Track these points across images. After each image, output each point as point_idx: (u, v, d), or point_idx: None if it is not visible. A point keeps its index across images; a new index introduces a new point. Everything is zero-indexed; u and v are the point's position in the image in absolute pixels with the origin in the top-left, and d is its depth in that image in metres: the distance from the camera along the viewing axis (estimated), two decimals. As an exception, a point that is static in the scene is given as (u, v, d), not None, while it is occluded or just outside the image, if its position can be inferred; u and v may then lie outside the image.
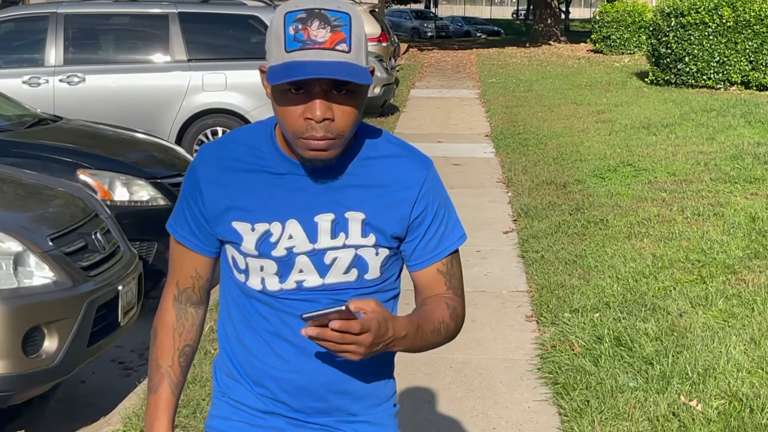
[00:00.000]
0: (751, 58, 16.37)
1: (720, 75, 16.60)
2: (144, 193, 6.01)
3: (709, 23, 16.55)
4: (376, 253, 1.93)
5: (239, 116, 9.81)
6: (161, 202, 6.00)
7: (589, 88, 17.67)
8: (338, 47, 1.75)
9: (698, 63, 16.75)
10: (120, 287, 4.41)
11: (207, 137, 9.89)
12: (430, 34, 49.29)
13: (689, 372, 4.49)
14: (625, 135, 11.77)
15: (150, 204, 5.99)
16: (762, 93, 15.95)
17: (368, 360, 1.82)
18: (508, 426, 4.23)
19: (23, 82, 9.62)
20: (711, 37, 16.58)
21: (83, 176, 5.89)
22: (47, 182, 4.97)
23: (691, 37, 16.79)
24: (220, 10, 10.08)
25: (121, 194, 5.96)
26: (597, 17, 28.55)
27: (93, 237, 4.51)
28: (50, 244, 4.17)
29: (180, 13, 9.86)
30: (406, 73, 22.78)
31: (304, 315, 1.73)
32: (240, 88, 9.76)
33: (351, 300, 1.78)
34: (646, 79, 18.39)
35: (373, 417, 2.02)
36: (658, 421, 4.08)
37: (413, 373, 4.71)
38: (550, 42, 33.76)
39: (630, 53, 26.47)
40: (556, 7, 36.34)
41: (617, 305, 5.49)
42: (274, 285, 1.93)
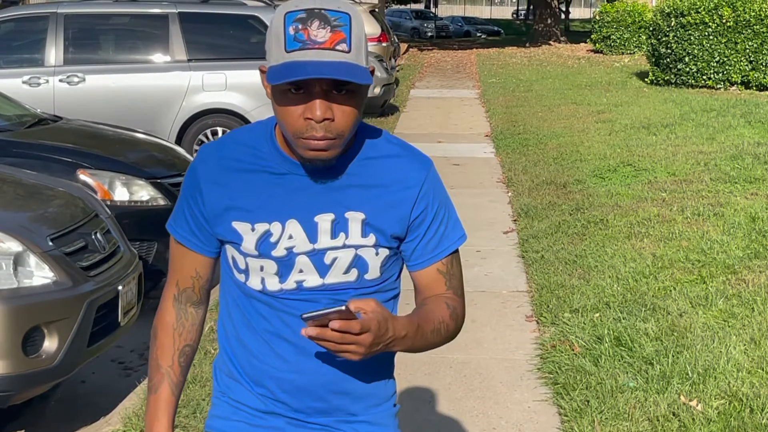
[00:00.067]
0: (751, 58, 16.37)
1: (720, 75, 16.60)
2: (144, 193, 6.01)
3: (709, 23, 16.55)
4: (376, 253, 1.93)
5: (239, 116, 9.80)
6: (161, 202, 6.00)
7: (589, 88, 17.67)
8: (338, 47, 1.75)
9: (698, 63, 16.75)
10: (120, 287, 4.41)
11: (207, 137, 9.89)
12: (430, 34, 49.28)
13: (689, 372, 4.49)
14: (625, 135, 11.77)
15: (150, 204, 5.99)
16: (762, 93, 15.95)
17: (368, 360, 1.82)
18: (508, 426, 4.23)
19: (23, 82, 9.62)
20: (711, 37, 16.58)
21: (83, 176, 5.89)
22: (47, 182, 4.97)
23: (691, 37, 16.79)
24: (220, 10, 10.08)
25: (121, 194, 5.96)
26: (597, 17, 28.56)
27: (93, 237, 4.51)
28: (50, 244, 4.17)
29: (180, 13, 9.86)
30: (406, 73, 22.77)
31: (304, 315, 1.73)
32: (240, 88, 9.76)
33: (351, 300, 1.78)
34: (646, 79, 18.38)
35: (373, 417, 2.02)
36: (658, 421, 4.08)
37: (413, 373, 4.71)
38: (550, 42, 33.77)
39: (630, 53, 26.48)
40: (556, 7, 36.34)
41: (617, 305, 5.49)
42: (274, 285, 1.93)
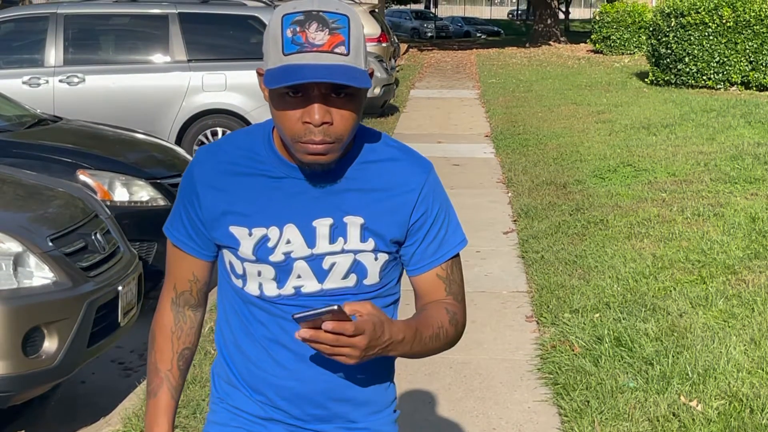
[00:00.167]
0: (751, 59, 16.37)
1: (720, 75, 16.59)
2: (144, 193, 6.01)
3: (709, 23, 16.54)
4: (375, 258, 1.90)
5: (239, 117, 9.80)
6: (161, 202, 6.00)
7: (589, 89, 17.67)
8: (336, 50, 1.72)
9: (698, 63, 16.75)
10: (120, 288, 4.41)
11: (207, 138, 9.89)
12: (430, 34, 49.27)
13: (689, 372, 4.49)
14: (625, 135, 11.77)
15: (150, 204, 6.00)
16: (762, 93, 15.94)
17: (368, 366, 1.80)
18: (508, 426, 4.23)
19: (23, 83, 9.62)
20: (711, 38, 16.58)
21: (83, 177, 5.89)
22: (47, 182, 4.97)
23: (691, 38, 16.78)
24: (220, 10, 10.08)
25: (120, 195, 5.96)
26: (597, 17, 28.55)
27: (93, 237, 4.51)
28: (50, 244, 4.17)
29: (180, 13, 9.86)
30: (406, 74, 22.77)
31: (296, 315, 1.69)
32: (240, 88, 9.75)
33: (346, 302, 1.74)
34: (646, 80, 18.38)
35: (373, 424, 2.00)
36: (658, 421, 4.08)
37: (413, 374, 4.71)
38: (550, 42, 33.77)
39: (630, 53, 26.48)
40: (556, 7, 36.34)
41: (617, 305, 5.49)
42: (271, 290, 1.91)
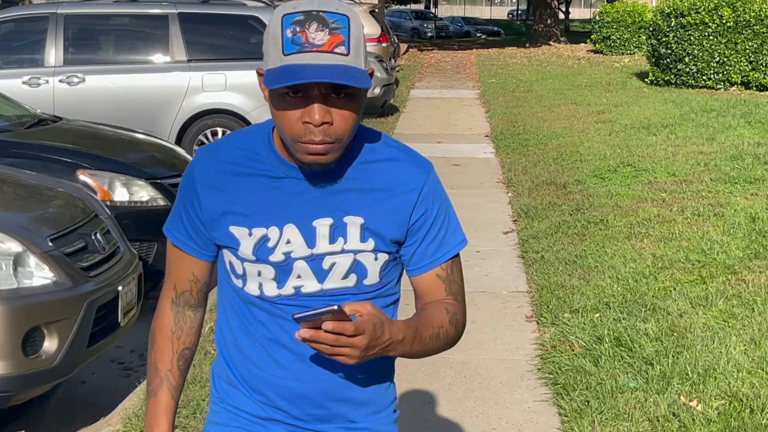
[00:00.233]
0: (751, 59, 16.37)
1: (720, 75, 16.60)
2: (144, 193, 6.01)
3: (709, 23, 16.54)
4: (375, 258, 1.90)
5: (239, 117, 9.80)
6: (161, 202, 6.00)
7: (589, 89, 17.67)
8: (336, 50, 1.72)
9: (698, 63, 16.74)
10: (120, 288, 4.41)
11: (207, 138, 9.89)
12: (430, 34, 49.27)
13: (689, 372, 4.49)
14: (625, 135, 11.77)
15: (150, 204, 5.99)
16: (762, 93, 15.94)
17: (368, 366, 1.79)
18: (508, 426, 4.23)
19: (23, 83, 9.62)
20: (711, 38, 16.58)
21: (83, 177, 5.89)
22: (47, 182, 4.97)
23: (691, 38, 16.78)
24: (220, 10, 10.08)
25: (120, 195, 5.96)
26: (597, 17, 28.55)
27: (93, 237, 4.51)
28: (50, 244, 4.17)
29: (180, 13, 9.86)
30: (406, 74, 22.77)
31: (296, 315, 1.69)
32: (240, 88, 9.75)
33: (346, 302, 1.74)
34: (646, 80, 18.38)
35: (373, 424, 2.00)
36: (658, 421, 4.08)
37: (413, 374, 4.71)
38: (550, 42, 33.77)
39: (630, 53, 26.48)
40: (556, 7, 36.34)
41: (617, 305, 5.49)
42: (271, 290, 1.91)
